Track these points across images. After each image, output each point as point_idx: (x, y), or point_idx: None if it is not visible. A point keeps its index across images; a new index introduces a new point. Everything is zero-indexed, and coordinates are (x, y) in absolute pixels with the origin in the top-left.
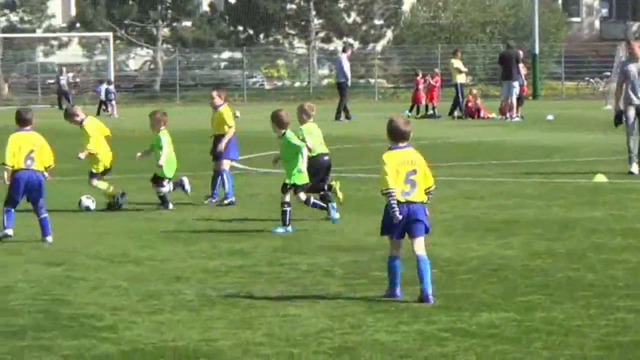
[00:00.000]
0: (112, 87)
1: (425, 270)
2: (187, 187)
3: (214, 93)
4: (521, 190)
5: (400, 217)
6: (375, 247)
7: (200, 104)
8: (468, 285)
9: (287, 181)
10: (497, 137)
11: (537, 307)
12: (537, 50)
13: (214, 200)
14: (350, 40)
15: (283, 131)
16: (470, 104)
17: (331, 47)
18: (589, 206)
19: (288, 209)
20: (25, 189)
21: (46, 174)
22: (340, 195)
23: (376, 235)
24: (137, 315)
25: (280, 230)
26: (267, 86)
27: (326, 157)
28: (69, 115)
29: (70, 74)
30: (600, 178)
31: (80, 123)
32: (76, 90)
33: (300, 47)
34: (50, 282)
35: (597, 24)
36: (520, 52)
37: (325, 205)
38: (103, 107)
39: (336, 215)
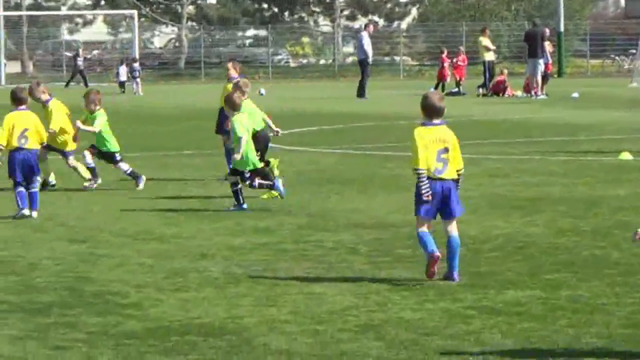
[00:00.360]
0: (137, 65)
1: (456, 251)
2: (141, 185)
3: (230, 64)
4: (546, 168)
5: (430, 197)
6: (399, 224)
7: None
8: (493, 263)
9: (238, 167)
10: (522, 115)
11: (563, 285)
12: (562, 28)
13: None
14: (375, 18)
15: (234, 114)
16: (504, 84)
17: (356, 24)
18: (614, 184)
19: (237, 188)
20: (21, 167)
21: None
22: (277, 172)
23: (400, 212)
24: (162, 292)
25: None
26: (292, 64)
27: (264, 133)
28: (33, 94)
29: (96, 51)
30: (626, 156)
31: (45, 103)
32: (101, 68)
33: (325, 24)
34: (75, 260)
35: (622, 1)
36: (547, 30)
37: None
38: (124, 87)
39: (282, 187)
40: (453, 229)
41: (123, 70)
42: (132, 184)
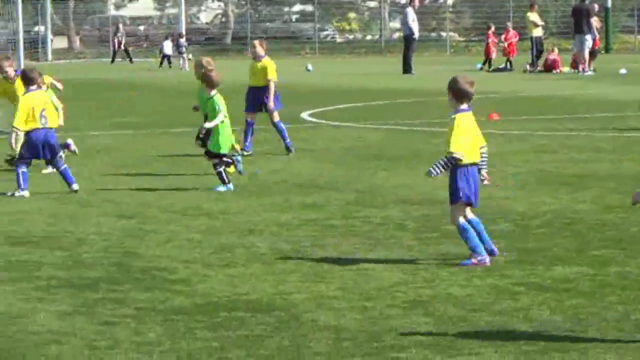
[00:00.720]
0: (183, 40)
1: (482, 229)
2: (73, 147)
3: (257, 42)
4: (593, 144)
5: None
6: (446, 200)
7: (271, 58)
8: (541, 239)
9: (213, 150)
10: (568, 91)
11: (611, 262)
12: (609, 4)
13: (246, 152)
14: None
15: (213, 93)
16: (555, 62)
17: (402, 0)
18: None
19: (221, 168)
20: (42, 147)
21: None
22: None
23: (447, 188)
24: (210, 268)
25: (221, 188)
26: (338, 39)
27: None
28: (2, 68)
29: (143, 27)
30: None
31: (13, 78)
32: (147, 43)
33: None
34: (123, 235)
35: None
36: (596, 6)
37: (229, 165)
38: (169, 61)
39: (241, 166)
40: (470, 212)
41: (168, 45)
42: (180, 160)
